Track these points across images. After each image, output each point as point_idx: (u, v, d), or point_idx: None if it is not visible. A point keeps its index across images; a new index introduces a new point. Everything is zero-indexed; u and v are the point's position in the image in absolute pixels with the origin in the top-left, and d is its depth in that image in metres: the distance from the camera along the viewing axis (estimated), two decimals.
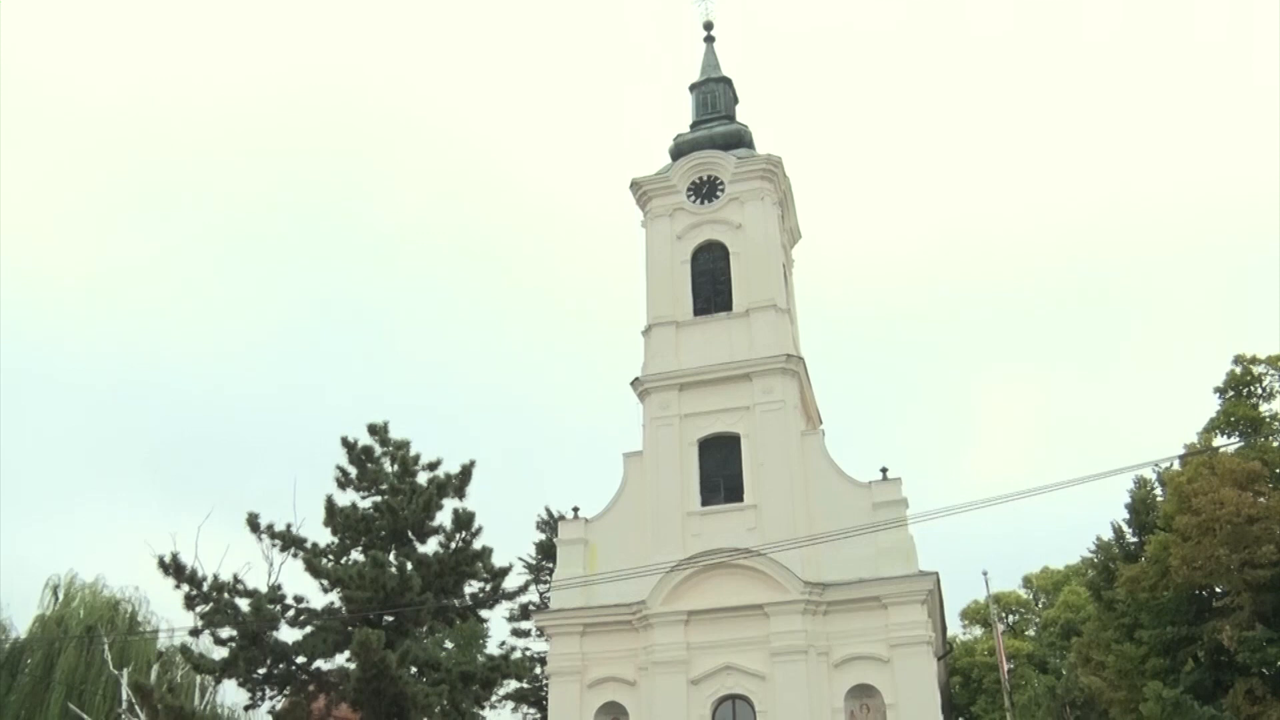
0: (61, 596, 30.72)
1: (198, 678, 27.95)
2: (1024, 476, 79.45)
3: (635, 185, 40.51)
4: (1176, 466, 21.13)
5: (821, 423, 39.32)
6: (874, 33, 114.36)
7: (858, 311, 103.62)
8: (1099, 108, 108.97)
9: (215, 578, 21.02)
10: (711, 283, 38.33)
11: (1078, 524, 47.53)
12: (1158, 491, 22.27)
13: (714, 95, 43.00)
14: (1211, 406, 21.53)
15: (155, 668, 26.21)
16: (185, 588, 20.82)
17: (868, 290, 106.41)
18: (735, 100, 43.61)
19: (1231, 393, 21.29)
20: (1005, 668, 35.47)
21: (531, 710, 49.25)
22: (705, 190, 39.74)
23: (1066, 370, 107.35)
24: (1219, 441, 20.89)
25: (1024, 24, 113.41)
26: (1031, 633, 44.71)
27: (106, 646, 27.13)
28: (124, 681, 24.33)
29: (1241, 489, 18.09)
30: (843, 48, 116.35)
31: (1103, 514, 37.45)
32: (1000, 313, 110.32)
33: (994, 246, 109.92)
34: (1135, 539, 22.25)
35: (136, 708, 22.34)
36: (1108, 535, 23.19)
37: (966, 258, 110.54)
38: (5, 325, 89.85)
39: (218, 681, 23.86)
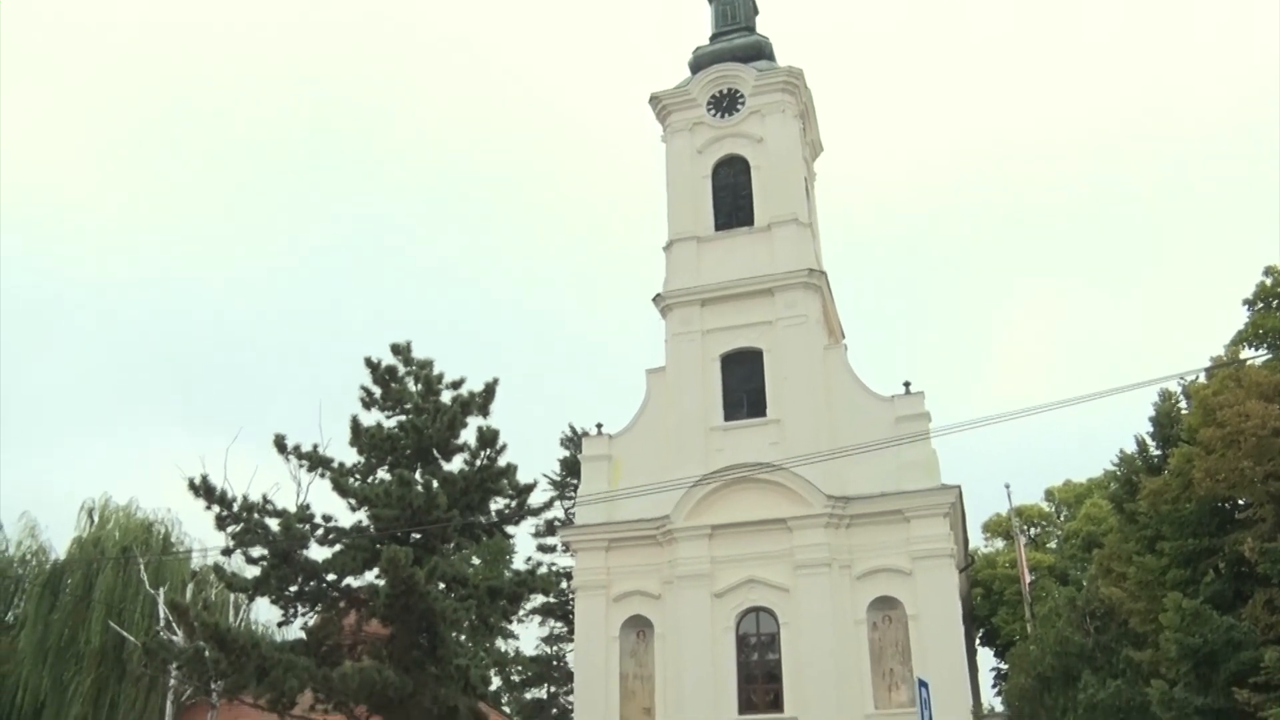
0: (97, 519, 31.31)
1: (231, 596, 28.60)
2: (1047, 393, 79.26)
3: (655, 99, 40.03)
4: (1202, 380, 20.97)
5: (844, 337, 39.23)
6: None
7: (880, 226, 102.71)
8: (1127, 13, 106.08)
9: (245, 498, 21.36)
10: (732, 197, 38.03)
11: (1100, 439, 47.47)
12: (1182, 405, 22.12)
13: (733, 6, 42.25)
14: (1240, 319, 21.33)
15: (190, 587, 26.78)
16: (216, 509, 21.16)
17: (891, 205, 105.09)
18: (755, 11, 42.82)
19: (1261, 304, 21.02)
20: (1026, 580, 35.84)
21: (558, 624, 50.18)
22: (725, 104, 39.21)
23: (1092, 288, 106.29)
24: (1246, 354, 20.68)
25: None
26: (1053, 545, 44.93)
27: (142, 567, 27.70)
28: (160, 600, 24.86)
29: (1268, 401, 17.93)
30: None
31: (1125, 429, 37.46)
32: (1024, 228, 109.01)
33: (1019, 160, 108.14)
34: (1159, 452, 22.17)
35: (174, 625, 22.86)
36: (1131, 449, 23.11)
37: (991, 171, 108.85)
38: (34, 256, 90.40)
39: (250, 599, 24.40)
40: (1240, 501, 18.64)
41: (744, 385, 35.21)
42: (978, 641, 43.28)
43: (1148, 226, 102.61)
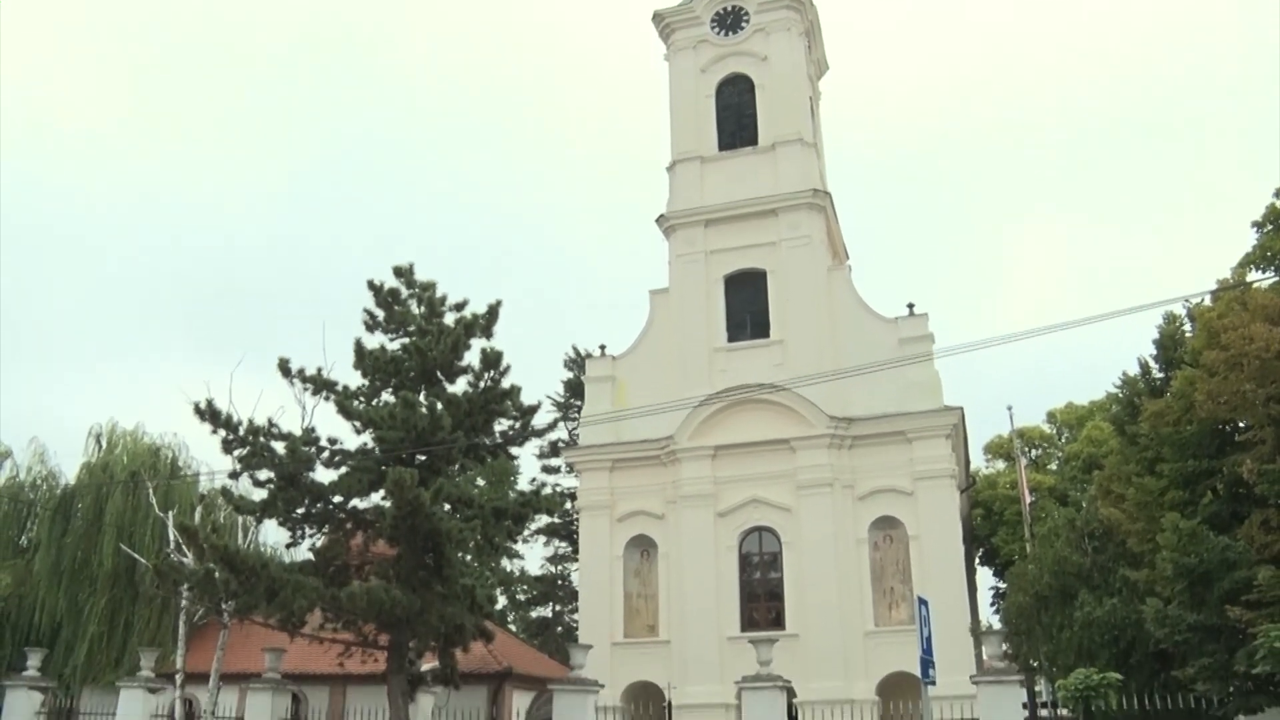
0: (105, 444, 31.50)
1: (239, 518, 28.96)
2: (1053, 317, 78.91)
3: (658, 17, 39.39)
4: (1208, 303, 20.88)
5: (848, 259, 39.10)
6: None
7: (887, 147, 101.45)
8: None
9: (250, 422, 21.40)
10: (736, 117, 37.64)
11: (1104, 363, 47.47)
12: (1187, 328, 22.07)
13: None
14: (1249, 242, 21.15)
15: (198, 510, 27.02)
16: (222, 432, 21.21)
17: (898, 126, 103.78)
18: None
19: (1270, 227, 20.81)
20: (1027, 500, 36.16)
21: (562, 544, 50.86)
22: (730, 21, 38.59)
23: (1101, 211, 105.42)
24: (1253, 277, 20.56)
25: None
26: (1053, 467, 45.18)
27: (151, 491, 27.94)
28: (170, 523, 25.10)
29: (1273, 324, 17.83)
30: None
31: (1129, 353, 37.46)
32: (1034, 150, 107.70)
33: (1029, 80, 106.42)
34: (1161, 375, 22.14)
35: (184, 547, 23.14)
36: (1134, 372, 23.10)
37: (1000, 93, 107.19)
38: (38, 183, 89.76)
39: (258, 521, 24.64)
40: (1241, 424, 18.69)
41: (748, 306, 35.23)
42: (977, 561, 43.83)
43: (1159, 149, 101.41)
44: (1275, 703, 17.02)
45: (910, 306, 33.58)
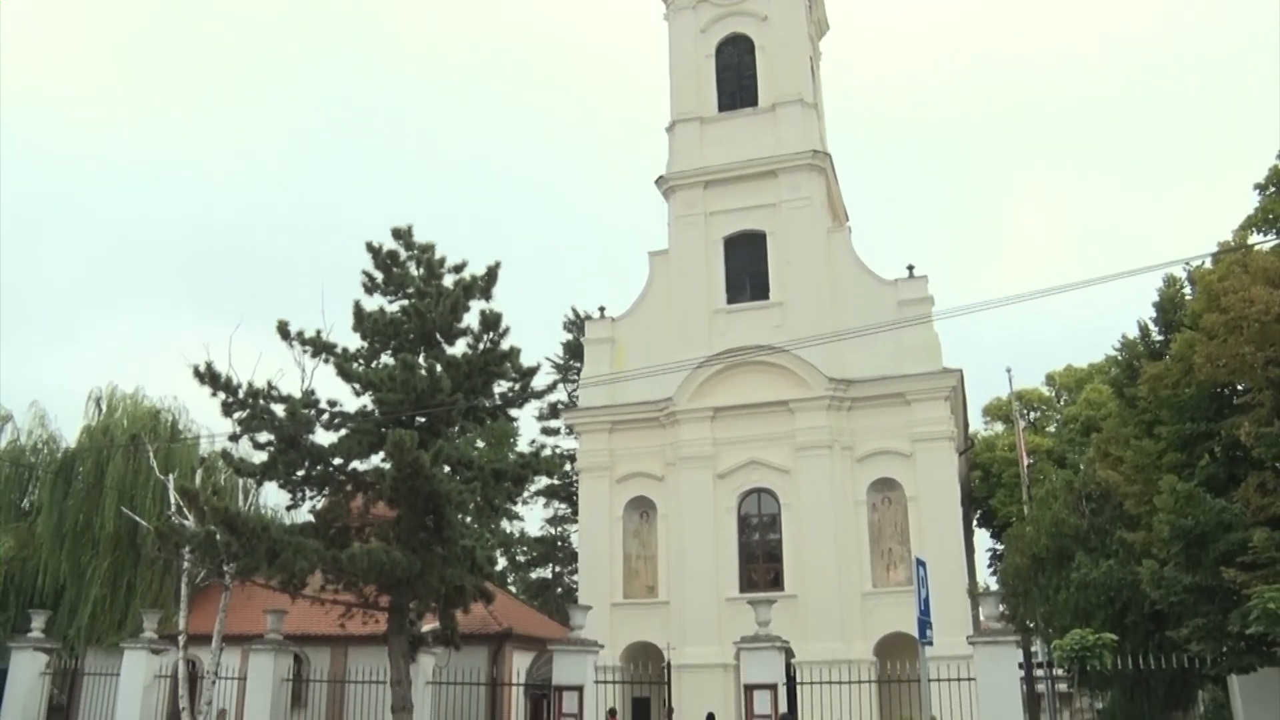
0: (105, 408, 31.44)
1: (239, 481, 29.03)
2: (1053, 280, 78.92)
3: None
4: (1208, 265, 20.81)
5: (848, 220, 38.97)
6: None
7: (888, 108, 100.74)
8: None
9: (250, 385, 21.33)
10: (736, 77, 37.37)
11: (1104, 326, 47.52)
12: (1187, 290, 22.01)
13: None
14: (1251, 205, 21.02)
15: (199, 472, 27.07)
16: (222, 395, 21.16)
17: (899, 87, 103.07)
18: None
19: (1272, 189, 20.67)
20: (1025, 463, 36.26)
21: (562, 505, 51.06)
22: None
23: (1102, 177, 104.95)
24: (1254, 239, 20.45)
25: None
26: (1052, 429, 45.23)
27: (151, 454, 27.94)
28: (171, 486, 25.15)
29: (1273, 287, 17.77)
30: None
31: (1129, 317, 37.44)
32: (1036, 113, 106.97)
33: (1030, 43, 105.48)
34: (1161, 337, 22.11)
35: (184, 510, 23.19)
36: (1134, 335, 23.07)
37: (1002, 55, 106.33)
38: (37, 146, 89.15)
39: (259, 484, 24.72)
40: (1239, 387, 18.68)
41: (747, 268, 35.16)
42: (975, 523, 44.05)
43: (1161, 112, 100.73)
44: (1267, 662, 17.17)
45: (910, 269, 33.56)
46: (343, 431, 22.13)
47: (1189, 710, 25.64)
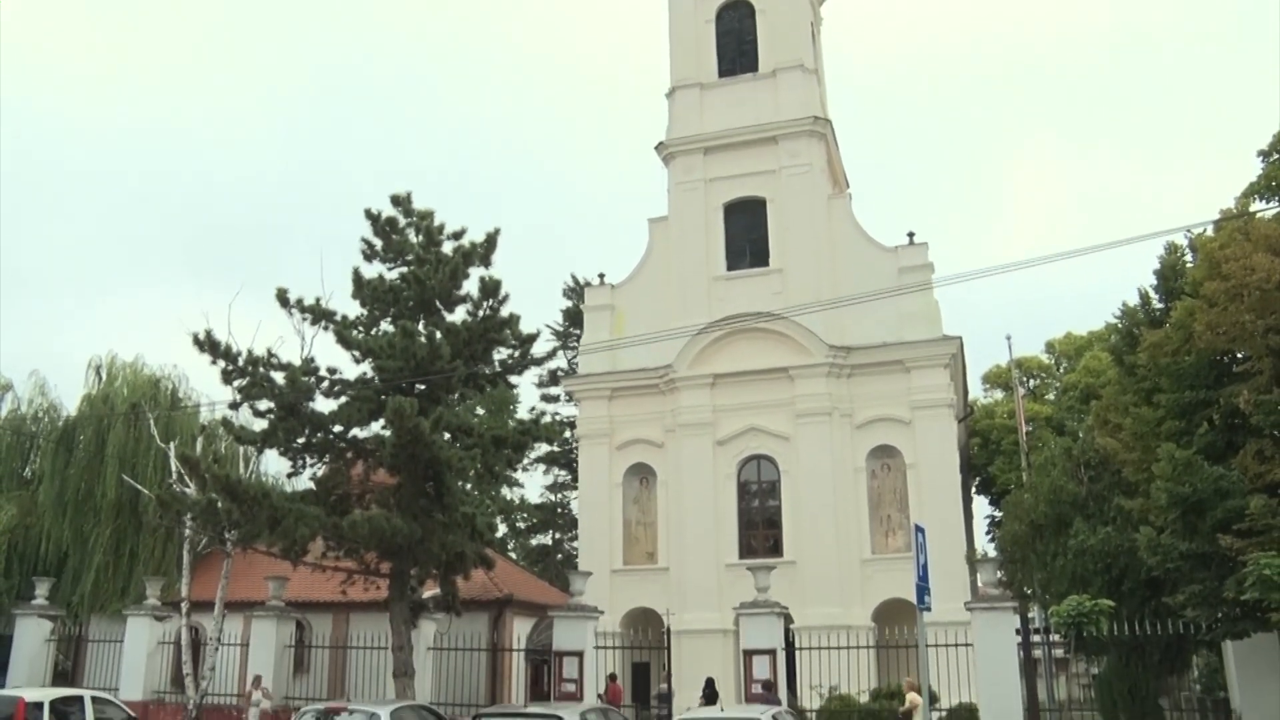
0: (105, 376, 31.35)
1: (240, 449, 29.04)
2: (1054, 248, 78.66)
3: None
4: (1210, 233, 20.71)
5: (849, 187, 38.81)
6: None
7: (889, 75, 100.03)
8: None
9: (250, 353, 21.35)
10: (737, 43, 37.09)
11: (1105, 294, 47.44)
12: (1188, 258, 21.93)
13: None
14: (1255, 171, 20.87)
15: (199, 440, 27.08)
16: (221, 363, 21.17)
17: (900, 53, 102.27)
18: None
19: (1276, 155, 20.54)
20: (1024, 430, 36.31)
21: (562, 472, 51.18)
22: None
23: (1103, 145, 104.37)
24: (1256, 206, 20.35)
25: None
26: (1051, 397, 45.21)
27: (152, 422, 27.94)
28: (172, 454, 25.19)
29: (1275, 254, 17.73)
30: None
31: (1130, 284, 37.32)
32: (1035, 82, 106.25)
33: (1032, 12, 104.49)
34: (1161, 305, 22.05)
35: (185, 478, 23.25)
36: (1134, 302, 23.02)
37: (1004, 19, 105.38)
38: (36, 118, 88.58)
39: (259, 451, 24.78)
40: (1239, 355, 18.66)
41: (747, 234, 35.08)
42: (974, 490, 44.17)
43: (1165, 79, 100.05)
44: (1261, 627, 17.28)
45: (910, 235, 33.46)
46: (343, 399, 22.18)
47: (1183, 675, 25.87)
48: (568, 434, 45.54)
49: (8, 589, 29.20)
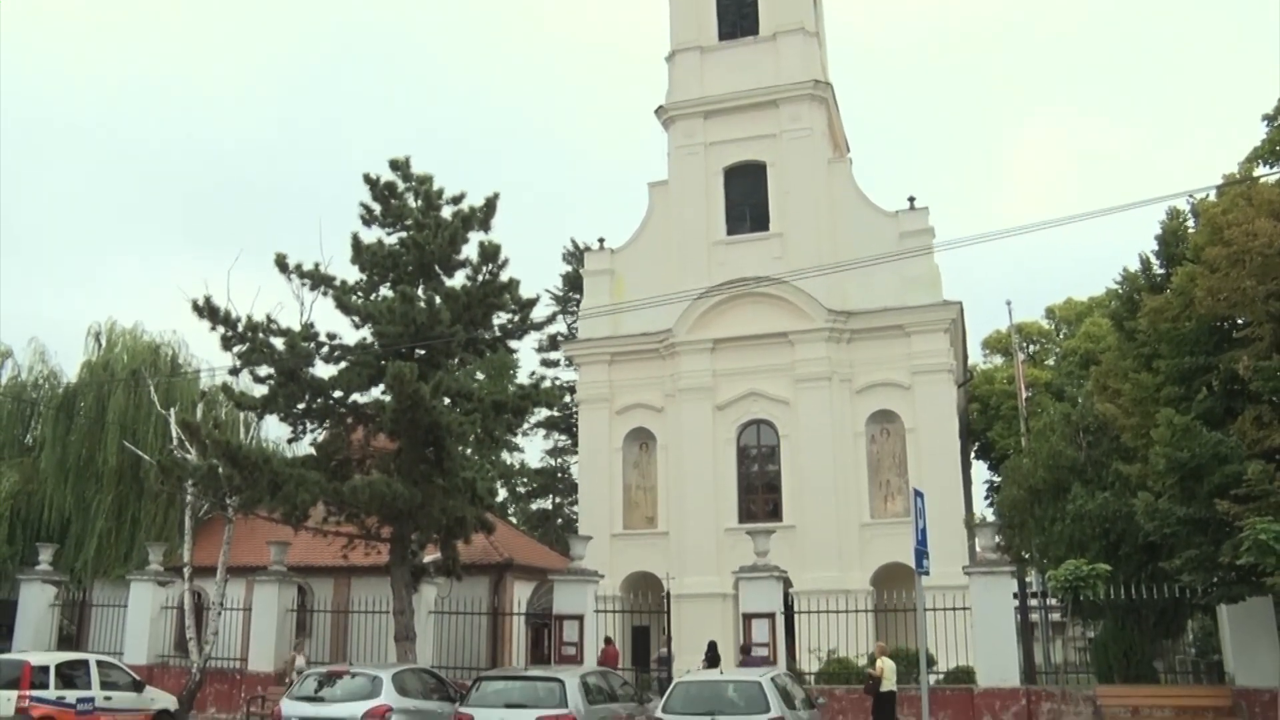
0: (104, 343, 31.34)
1: (240, 414, 29.06)
2: (1054, 213, 78.39)
3: None
4: (1213, 198, 20.58)
5: (849, 151, 38.63)
6: None
7: (891, 39, 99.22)
8: None
9: (249, 318, 21.32)
10: (737, 6, 36.83)
11: (1105, 260, 47.44)
12: (1190, 223, 21.82)
13: None
14: (1259, 136, 20.70)
15: (200, 406, 27.08)
16: (221, 329, 21.13)
17: (900, 18, 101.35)
18: None
19: None
20: (1024, 395, 36.33)
21: (562, 437, 51.28)
22: None
23: (1107, 110, 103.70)
24: (1260, 171, 20.20)
25: None
26: (1051, 362, 45.18)
27: (152, 388, 27.94)
28: (172, 420, 25.21)
29: (1278, 219, 17.65)
30: None
31: (1130, 251, 37.16)
32: (1039, 46, 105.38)
33: None
34: (1162, 271, 21.97)
35: (186, 444, 23.29)
36: (1135, 268, 22.95)
37: None
38: (33, 76, 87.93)
39: (260, 417, 24.83)
40: (1240, 320, 18.61)
41: (747, 199, 34.98)
42: (973, 455, 44.25)
43: (1169, 42, 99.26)
44: (1256, 591, 17.37)
45: (911, 200, 33.35)
46: (342, 364, 22.19)
47: (1178, 639, 26.05)
48: (568, 399, 45.60)
49: (11, 555, 29.37)
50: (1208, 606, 21.10)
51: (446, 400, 21.73)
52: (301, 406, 22.12)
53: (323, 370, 22.24)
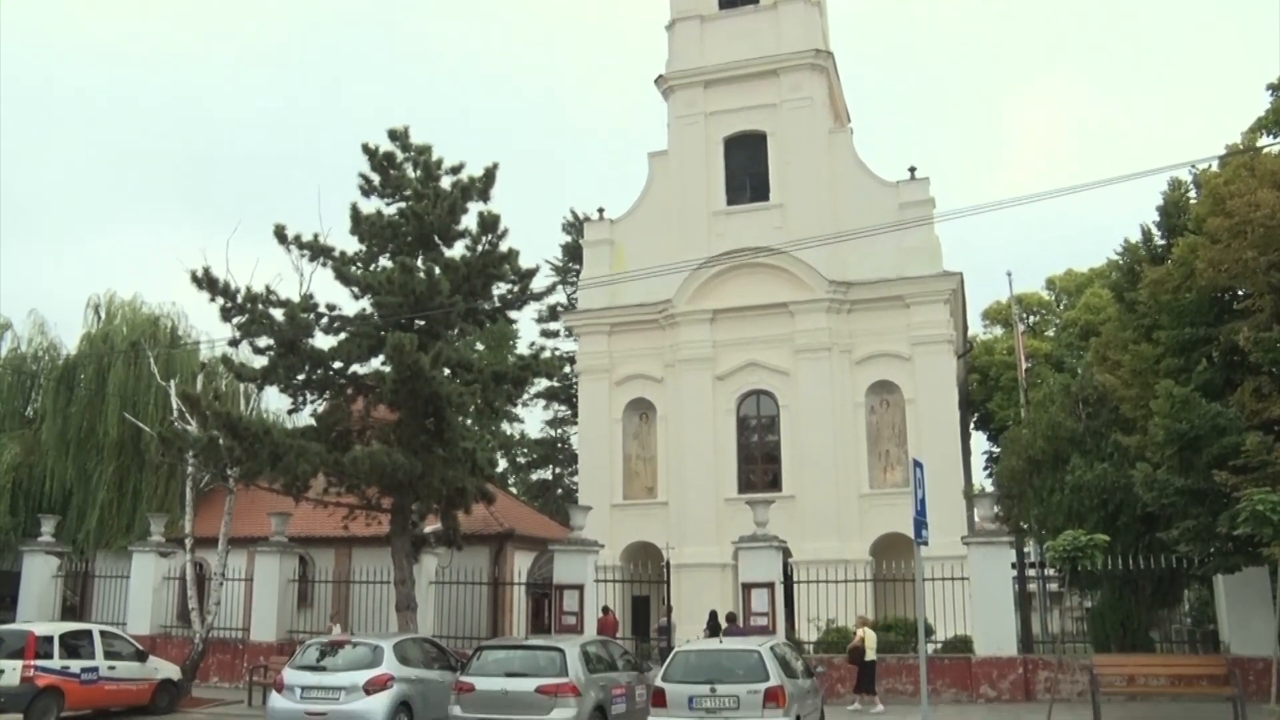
0: (104, 315, 31.30)
1: (240, 386, 29.04)
2: (1055, 184, 78.02)
3: None
4: (1215, 169, 20.46)
5: (850, 121, 38.44)
6: None
7: (892, 7, 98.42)
8: None
9: (248, 289, 21.25)
10: None
11: (1106, 231, 47.26)
12: (1191, 194, 21.70)
13: None
14: (1263, 106, 20.54)
15: (200, 378, 27.07)
16: (220, 300, 21.07)
17: None
18: None
19: None
20: (1023, 366, 36.35)
21: (562, 408, 51.34)
22: None
23: (1108, 79, 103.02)
24: (1264, 141, 20.06)
25: None
26: (1051, 333, 45.16)
27: (152, 360, 27.91)
28: (172, 392, 25.20)
29: None
30: None
31: (1132, 221, 37.04)
32: (1040, 15, 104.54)
33: None
34: (1163, 242, 21.89)
35: (186, 415, 23.29)
36: (1136, 239, 22.86)
37: None
38: (29, 49, 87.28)
39: (260, 388, 24.76)
40: (1240, 292, 18.57)
41: (747, 169, 34.87)
42: (972, 425, 44.34)
43: (1171, 12, 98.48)
44: (1252, 562, 17.46)
45: (911, 170, 33.23)
46: (342, 335, 22.15)
47: (1174, 608, 26.21)
48: (567, 369, 45.61)
49: (14, 526, 29.46)
50: (1204, 577, 21.20)
51: (446, 371, 21.71)
52: (301, 378, 22.09)
53: (322, 341, 22.22)
